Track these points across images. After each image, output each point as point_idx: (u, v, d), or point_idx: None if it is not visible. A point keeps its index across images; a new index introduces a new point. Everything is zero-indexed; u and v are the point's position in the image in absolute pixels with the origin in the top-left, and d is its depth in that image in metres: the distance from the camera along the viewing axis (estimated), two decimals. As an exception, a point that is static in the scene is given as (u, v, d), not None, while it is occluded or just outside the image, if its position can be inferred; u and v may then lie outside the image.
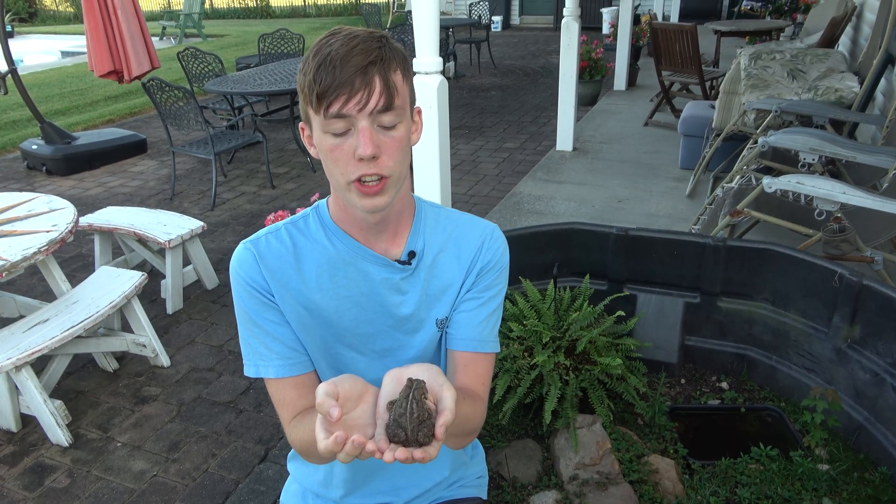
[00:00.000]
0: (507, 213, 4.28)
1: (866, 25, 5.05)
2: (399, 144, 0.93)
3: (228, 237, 4.20)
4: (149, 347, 2.81)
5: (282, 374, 1.03)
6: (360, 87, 0.87)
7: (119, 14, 4.93)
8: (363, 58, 0.88)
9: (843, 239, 2.34)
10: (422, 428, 0.79)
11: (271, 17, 17.60)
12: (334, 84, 0.87)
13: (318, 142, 0.94)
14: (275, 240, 1.04)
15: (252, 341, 1.04)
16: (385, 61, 0.90)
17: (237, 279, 1.02)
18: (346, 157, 0.91)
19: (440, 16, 2.36)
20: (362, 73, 0.87)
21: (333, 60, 0.87)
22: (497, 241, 1.11)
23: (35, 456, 2.36)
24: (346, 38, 0.89)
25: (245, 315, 1.03)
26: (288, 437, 1.02)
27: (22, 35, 15.85)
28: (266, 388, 1.07)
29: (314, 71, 0.88)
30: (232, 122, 5.38)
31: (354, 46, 0.88)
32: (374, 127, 0.90)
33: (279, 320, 1.03)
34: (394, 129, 0.92)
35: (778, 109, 3.56)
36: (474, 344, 1.08)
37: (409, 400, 0.80)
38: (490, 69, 9.71)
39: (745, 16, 10.81)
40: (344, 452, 0.77)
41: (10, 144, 6.31)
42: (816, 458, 1.98)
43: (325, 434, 0.77)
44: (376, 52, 0.89)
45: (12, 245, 2.43)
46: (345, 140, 0.90)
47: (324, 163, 0.95)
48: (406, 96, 0.94)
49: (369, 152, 0.89)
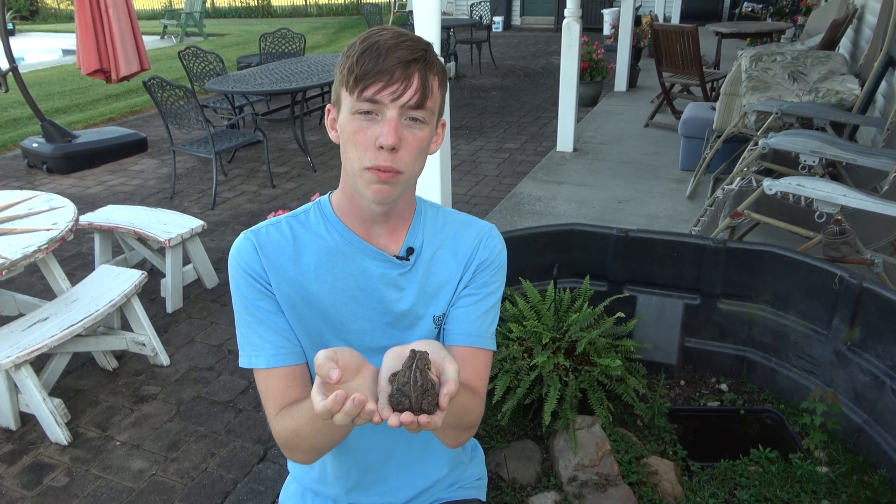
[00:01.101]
0: (508, 213, 4.28)
1: (867, 28, 5.05)
2: (419, 144, 0.96)
3: (228, 236, 4.20)
4: (148, 346, 2.80)
5: (272, 364, 1.02)
6: (398, 79, 0.91)
7: (110, 13, 4.89)
8: (408, 53, 0.92)
9: (844, 241, 2.34)
10: (426, 397, 0.78)
11: (272, 17, 17.61)
12: (375, 69, 0.90)
13: (342, 123, 0.96)
14: (275, 231, 1.05)
15: (246, 331, 1.04)
16: (428, 63, 0.94)
17: (235, 267, 1.03)
18: (367, 143, 0.93)
19: (441, 16, 2.36)
20: (404, 66, 0.91)
21: (380, 48, 0.91)
22: (494, 239, 1.13)
23: (34, 454, 2.36)
24: (396, 34, 0.94)
25: (241, 304, 1.03)
26: (273, 429, 1.02)
27: (23, 33, 15.86)
28: (256, 383, 1.07)
29: (358, 54, 0.92)
30: (232, 122, 5.38)
31: (402, 42, 0.92)
32: (402, 121, 0.93)
33: (274, 309, 1.03)
34: (418, 129, 0.95)
35: (778, 111, 3.56)
36: (472, 339, 1.09)
37: (413, 370, 0.79)
38: (491, 70, 9.71)
39: (745, 17, 10.82)
40: (343, 412, 0.75)
41: (11, 142, 6.31)
42: (816, 460, 1.98)
43: (323, 396, 0.76)
44: (422, 52, 0.93)
45: (12, 243, 2.43)
46: (370, 126, 0.93)
47: (343, 145, 0.97)
48: (437, 103, 0.98)
49: (391, 142, 0.91)
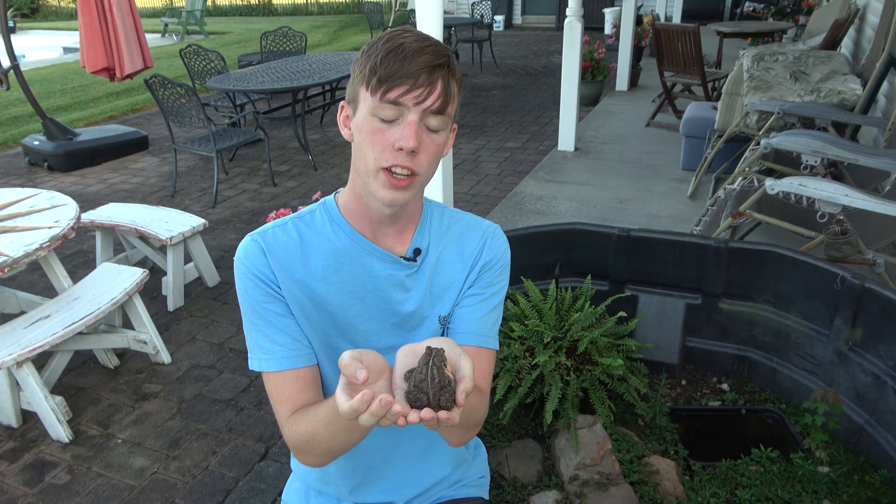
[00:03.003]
0: (509, 212, 4.28)
1: (869, 28, 5.05)
2: (437, 149, 0.97)
3: (230, 234, 4.20)
4: (150, 344, 2.81)
5: (284, 367, 1.02)
6: (423, 83, 0.91)
7: (114, 11, 4.92)
8: (434, 58, 0.91)
9: (845, 241, 2.34)
10: (443, 393, 0.78)
11: (273, 15, 17.60)
12: (401, 72, 0.90)
13: (360, 123, 0.96)
14: (281, 232, 1.05)
15: (255, 334, 1.03)
16: (451, 69, 0.94)
17: (243, 270, 1.02)
18: (385, 144, 0.93)
19: (443, 15, 2.36)
20: (429, 71, 0.91)
21: (406, 51, 0.91)
22: (498, 239, 1.13)
23: (35, 452, 2.36)
24: (420, 37, 0.93)
25: (250, 307, 1.02)
26: (285, 433, 1.01)
27: (24, 31, 15.86)
28: (265, 386, 1.06)
29: (383, 54, 0.91)
30: (234, 120, 5.38)
31: (427, 46, 0.92)
32: (422, 124, 0.93)
33: (284, 312, 1.03)
34: (437, 134, 0.95)
35: (780, 111, 3.56)
36: (476, 338, 1.09)
37: (430, 366, 0.80)
38: (492, 69, 9.70)
39: (747, 17, 10.80)
40: (369, 412, 0.74)
41: (12, 140, 6.31)
42: (817, 460, 1.98)
43: (348, 396, 0.76)
44: (445, 58, 0.93)
45: (14, 241, 2.43)
46: (389, 127, 0.93)
47: (358, 145, 0.97)
48: (455, 109, 0.98)
49: (411, 145, 0.91)
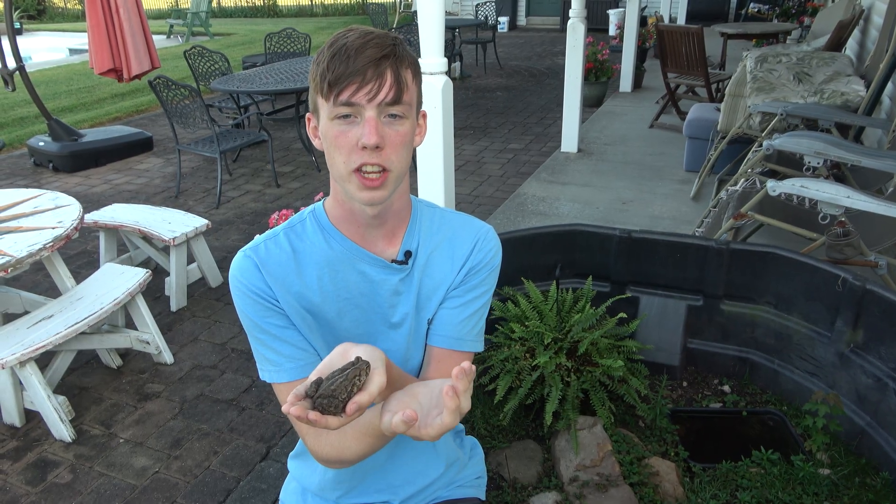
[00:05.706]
0: (511, 214, 4.28)
1: (873, 29, 5.03)
2: (402, 140, 0.95)
3: (233, 235, 4.21)
4: (152, 344, 2.82)
5: (294, 377, 1.02)
6: (371, 78, 0.90)
7: (121, 12, 4.94)
8: (377, 51, 0.91)
9: (847, 243, 2.33)
10: (336, 403, 0.79)
11: (278, 16, 17.64)
12: (347, 73, 0.90)
13: (323, 130, 0.96)
14: (274, 246, 1.04)
15: (260, 348, 1.03)
16: (398, 57, 0.93)
17: (239, 288, 1.02)
18: (350, 146, 0.93)
19: (446, 16, 2.37)
20: (375, 64, 0.90)
21: (348, 51, 0.90)
22: (490, 241, 1.12)
23: (38, 451, 2.37)
24: (362, 33, 0.93)
25: (251, 322, 1.02)
26: (311, 446, 1.02)
27: (30, 32, 15.94)
28: (271, 388, 1.07)
29: (328, 59, 0.91)
30: (237, 121, 5.39)
31: (369, 41, 0.91)
32: (381, 119, 0.93)
33: (285, 323, 1.03)
34: (399, 125, 0.95)
35: (783, 113, 3.55)
36: (451, 342, 1.09)
37: (344, 376, 0.80)
38: (496, 70, 9.71)
39: (752, 18, 10.77)
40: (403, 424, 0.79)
41: (17, 141, 6.34)
42: (818, 462, 1.98)
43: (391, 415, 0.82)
44: (390, 48, 0.92)
45: (18, 241, 2.44)
46: (350, 128, 0.93)
47: (327, 152, 0.97)
48: (414, 96, 0.97)
49: (373, 141, 0.91)
